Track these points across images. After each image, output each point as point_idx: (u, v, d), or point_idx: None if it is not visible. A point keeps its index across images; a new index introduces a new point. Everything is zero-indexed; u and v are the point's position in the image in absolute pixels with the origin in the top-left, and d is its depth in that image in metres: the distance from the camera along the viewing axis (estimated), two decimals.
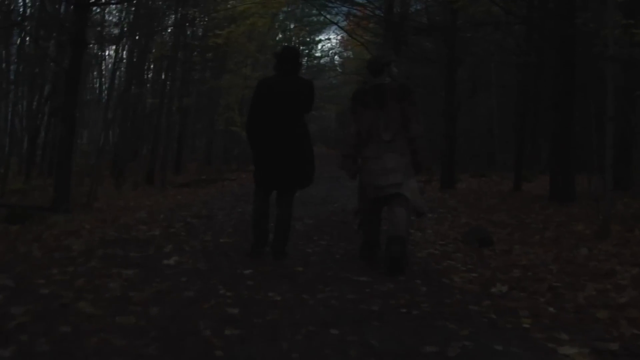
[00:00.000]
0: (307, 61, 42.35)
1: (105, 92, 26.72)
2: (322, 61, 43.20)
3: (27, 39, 16.63)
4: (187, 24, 15.78)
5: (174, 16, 16.47)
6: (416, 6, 20.12)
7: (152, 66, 22.91)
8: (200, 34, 19.93)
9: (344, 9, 17.15)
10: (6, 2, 13.96)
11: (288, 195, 5.30)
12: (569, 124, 10.18)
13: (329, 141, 50.57)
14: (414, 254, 5.71)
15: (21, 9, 16.92)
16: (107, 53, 23.93)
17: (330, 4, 16.87)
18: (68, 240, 5.53)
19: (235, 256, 5.20)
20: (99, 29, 17.67)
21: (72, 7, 9.81)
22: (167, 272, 4.45)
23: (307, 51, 41.40)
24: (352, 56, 39.48)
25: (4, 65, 18.95)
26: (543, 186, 16.26)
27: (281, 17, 33.23)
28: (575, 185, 10.69)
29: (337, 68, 45.13)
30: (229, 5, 13.83)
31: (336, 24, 24.18)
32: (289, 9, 34.18)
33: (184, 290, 3.89)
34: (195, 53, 20.22)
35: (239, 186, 15.08)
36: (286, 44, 12.30)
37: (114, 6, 17.06)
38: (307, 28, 35.85)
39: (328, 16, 23.12)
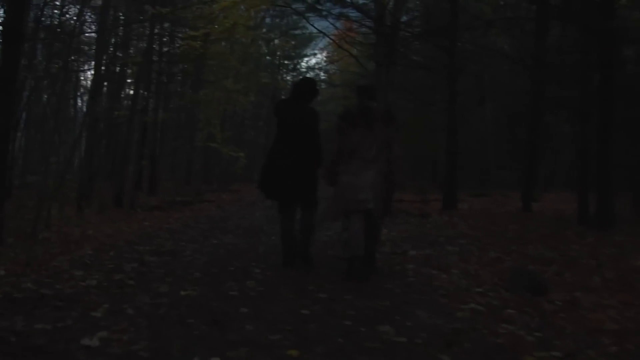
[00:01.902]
0: (292, 76, 40.89)
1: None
2: (307, 76, 41.58)
3: None
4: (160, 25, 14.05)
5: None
6: (411, 14, 18.67)
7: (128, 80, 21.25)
8: (176, 43, 18.24)
9: (334, 12, 15.49)
10: None
11: (309, 208, 5.75)
12: (607, 135, 8.58)
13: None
14: (454, 314, 4.07)
15: None
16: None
17: (319, 6, 15.24)
18: None
19: (196, 325, 3.50)
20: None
21: None
22: None
23: (291, 66, 39.99)
24: (338, 71, 37.89)
25: None
26: (552, 206, 14.75)
27: (265, 30, 31.73)
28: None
29: (322, 84, 43.70)
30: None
31: (323, 33, 22.68)
32: (274, 21, 32.79)
33: None
34: (171, 64, 18.62)
35: (218, 209, 13.36)
36: (306, 77, 11.22)
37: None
38: (293, 42, 34.24)
39: (315, 25, 21.69)
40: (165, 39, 17.15)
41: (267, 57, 33.73)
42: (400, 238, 8.20)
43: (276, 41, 33.27)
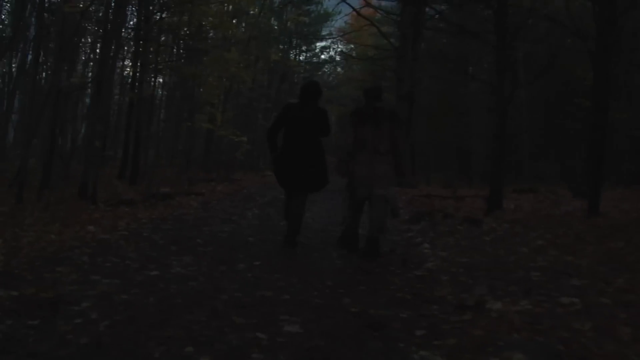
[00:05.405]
0: (306, 57, 37.83)
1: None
2: (322, 57, 38.52)
3: None
4: None
5: None
6: None
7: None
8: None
9: None
10: None
11: (302, 195, 6.30)
12: None
13: (329, 147, 45.17)
14: None
15: None
16: None
17: None
18: None
19: None
20: None
21: None
22: None
23: (305, 47, 36.87)
24: (354, 52, 34.70)
25: None
26: (614, 206, 11.59)
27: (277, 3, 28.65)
28: None
29: (338, 68, 40.71)
30: None
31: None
32: None
33: None
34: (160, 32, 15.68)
35: (202, 207, 10.28)
36: (310, 79, 9.68)
37: None
38: (307, 19, 30.94)
39: None
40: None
41: (280, 35, 30.52)
42: (458, 264, 5.20)
43: (286, 16, 30.17)
